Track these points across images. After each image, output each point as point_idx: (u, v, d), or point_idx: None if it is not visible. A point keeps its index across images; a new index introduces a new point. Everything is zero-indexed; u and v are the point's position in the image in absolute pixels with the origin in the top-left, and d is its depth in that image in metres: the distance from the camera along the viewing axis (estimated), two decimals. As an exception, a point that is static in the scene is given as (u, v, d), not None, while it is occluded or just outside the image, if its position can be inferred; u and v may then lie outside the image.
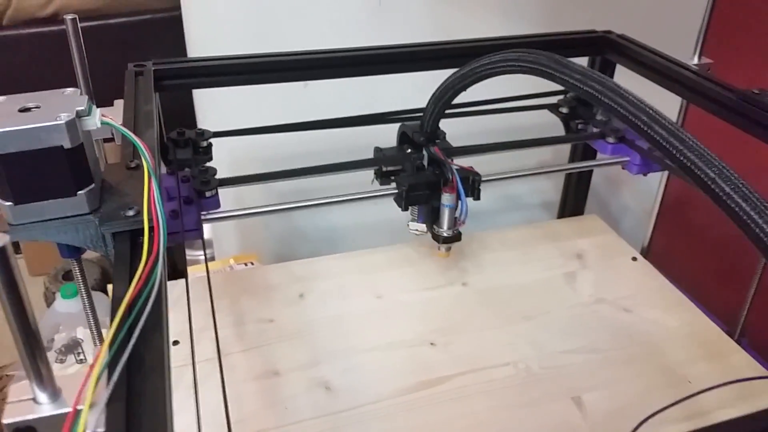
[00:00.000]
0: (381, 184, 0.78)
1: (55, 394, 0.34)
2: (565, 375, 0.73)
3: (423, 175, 0.75)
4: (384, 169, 0.78)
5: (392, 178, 0.77)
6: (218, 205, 0.67)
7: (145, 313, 0.37)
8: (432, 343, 0.77)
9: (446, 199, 0.73)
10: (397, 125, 0.81)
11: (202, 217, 0.65)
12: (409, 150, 0.78)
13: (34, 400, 0.34)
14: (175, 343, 0.74)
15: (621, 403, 0.69)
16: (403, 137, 0.80)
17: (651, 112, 0.50)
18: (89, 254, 1.58)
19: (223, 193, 0.70)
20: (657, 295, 0.86)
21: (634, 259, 0.92)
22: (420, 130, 0.77)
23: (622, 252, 0.94)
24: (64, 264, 1.47)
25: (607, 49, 0.87)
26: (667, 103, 0.87)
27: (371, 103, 0.84)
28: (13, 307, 0.31)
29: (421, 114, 0.77)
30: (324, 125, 0.81)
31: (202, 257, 0.63)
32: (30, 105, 0.43)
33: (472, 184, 0.74)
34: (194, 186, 0.65)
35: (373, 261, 0.91)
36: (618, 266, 0.91)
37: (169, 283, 0.84)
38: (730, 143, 0.96)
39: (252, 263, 1.04)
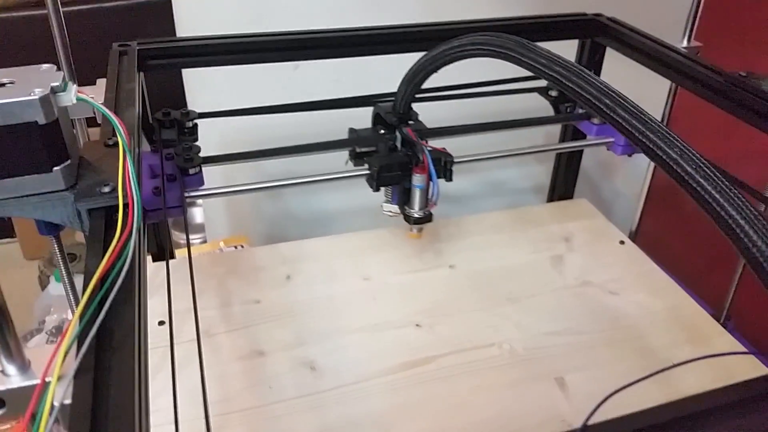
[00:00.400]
0: (355, 165, 0.78)
1: (23, 367, 0.34)
2: (548, 356, 0.73)
3: (395, 156, 0.75)
4: (358, 150, 0.77)
5: (365, 159, 0.77)
6: (202, 183, 0.68)
7: (116, 287, 0.37)
8: (417, 325, 0.77)
9: (417, 179, 0.73)
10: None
11: (186, 195, 0.65)
12: (382, 131, 0.78)
13: (3, 372, 0.34)
14: (161, 323, 0.74)
15: (604, 385, 0.69)
16: (377, 118, 0.80)
17: (614, 95, 0.50)
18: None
19: (211, 174, 0.70)
20: (644, 279, 0.86)
21: (622, 242, 0.92)
22: (392, 110, 0.76)
23: (610, 236, 0.94)
24: (58, 247, 1.47)
25: (597, 32, 0.86)
26: (657, 86, 0.88)
27: (364, 84, 0.84)
28: (-21, 278, 0.31)
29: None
30: (314, 107, 0.81)
31: (191, 240, 0.64)
32: (4, 80, 0.43)
33: (444, 165, 0.74)
34: (178, 163, 0.65)
35: (361, 243, 0.91)
36: (605, 250, 0.91)
37: (156, 264, 0.86)
38: (722, 129, 0.97)
39: (242, 246, 1.04)
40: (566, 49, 0.90)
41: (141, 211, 0.43)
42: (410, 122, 0.77)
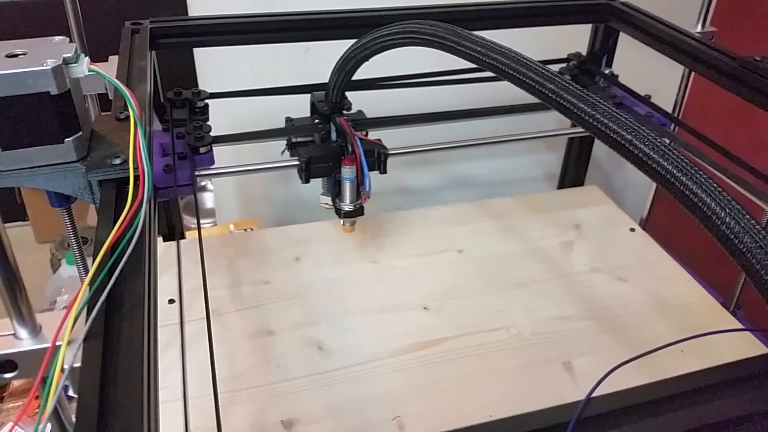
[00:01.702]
0: (291, 155, 0.75)
1: (35, 331, 0.35)
2: (556, 341, 0.73)
3: (327, 146, 0.72)
4: (294, 139, 0.75)
5: (297, 149, 0.74)
6: (212, 162, 0.68)
7: (126, 255, 0.37)
8: (425, 308, 0.78)
9: (346, 171, 0.71)
10: (401, 90, 0.79)
11: (197, 173, 0.65)
12: (317, 120, 0.75)
13: (15, 335, 0.35)
14: (171, 301, 0.75)
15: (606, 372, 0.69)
16: (313, 107, 0.77)
17: (559, 81, 0.48)
18: (95, 221, 1.59)
19: (222, 156, 0.70)
20: (653, 266, 0.85)
21: (632, 230, 0.92)
22: (325, 100, 0.73)
23: (620, 223, 0.93)
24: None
25: (610, 17, 0.86)
26: (671, 73, 0.87)
27: (376, 66, 0.83)
28: (-9, 240, 0.31)
29: (425, 79, 0.76)
30: (324, 88, 0.80)
31: (201, 224, 0.64)
32: (17, 51, 0.44)
33: (377, 157, 0.71)
34: (188, 142, 0.66)
35: (370, 226, 0.91)
36: (615, 237, 0.91)
37: (167, 244, 0.86)
38: (736, 116, 0.96)
39: (252, 229, 1.04)
40: (579, 34, 0.90)
41: (152, 182, 0.43)
42: (345, 111, 0.74)
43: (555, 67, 0.89)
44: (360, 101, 0.78)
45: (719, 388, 0.36)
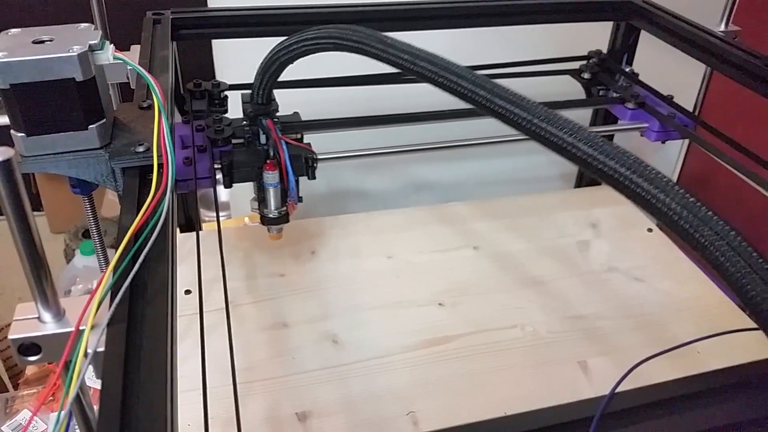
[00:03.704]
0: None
1: (59, 315, 0.35)
2: (572, 340, 0.73)
3: (252, 150, 0.68)
4: None
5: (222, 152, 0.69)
6: None
7: (150, 242, 0.37)
8: (440, 304, 0.77)
9: (268, 177, 0.67)
10: (411, 86, 0.78)
11: (216, 166, 0.65)
12: (244, 122, 0.70)
13: (39, 319, 0.35)
14: (187, 292, 0.75)
15: (627, 370, 0.69)
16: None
17: (490, 86, 0.45)
18: (109, 212, 1.59)
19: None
20: (670, 267, 0.85)
21: (650, 230, 0.91)
22: (251, 101, 0.69)
23: (637, 223, 0.93)
24: (83, 222, 1.50)
25: (631, 14, 0.85)
26: (691, 72, 0.86)
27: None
28: (18, 223, 0.32)
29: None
30: (343, 83, 0.80)
31: (217, 217, 0.63)
32: (44, 38, 0.44)
33: (305, 162, 0.68)
34: (208, 135, 0.65)
35: (386, 222, 0.91)
36: (632, 237, 0.90)
37: (183, 235, 0.86)
38: (757, 116, 0.95)
39: (266, 222, 1.04)
40: (600, 32, 0.89)
41: (175, 170, 0.43)
42: (273, 114, 0.69)
43: (575, 65, 0.89)
44: (361, 100, 0.78)
45: (739, 388, 0.36)
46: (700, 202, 0.35)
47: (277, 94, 0.73)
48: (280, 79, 0.74)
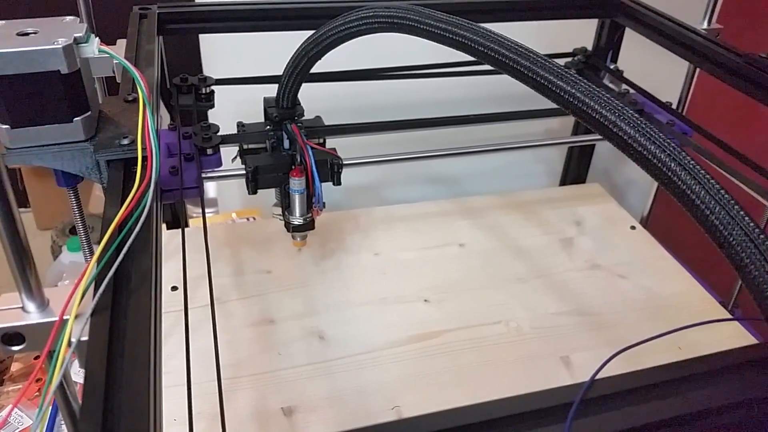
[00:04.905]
0: (242, 162, 0.69)
1: (43, 304, 0.35)
2: (555, 335, 0.74)
3: (277, 156, 0.67)
4: (246, 146, 0.69)
5: (246, 157, 0.69)
6: (220, 164, 0.65)
7: (134, 233, 0.38)
8: (426, 300, 0.78)
9: (294, 183, 0.66)
10: (414, 81, 0.78)
11: (204, 176, 0.62)
12: (268, 127, 0.69)
13: (23, 308, 0.35)
14: (174, 288, 0.75)
15: (610, 364, 0.70)
16: (265, 113, 0.71)
17: (533, 56, 0.45)
18: (96, 208, 1.57)
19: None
20: (653, 264, 0.86)
21: (633, 228, 0.92)
22: (276, 105, 0.67)
23: (621, 220, 0.94)
24: (70, 219, 1.49)
25: (616, 12, 0.86)
26: (676, 69, 0.87)
27: (383, 56, 0.82)
28: (2, 212, 0.32)
29: (436, 69, 0.75)
30: (331, 78, 0.80)
31: (203, 214, 0.62)
32: (29, 30, 0.44)
33: (330, 168, 0.66)
34: (195, 143, 0.63)
35: (372, 219, 0.91)
36: (616, 234, 0.91)
37: (170, 232, 0.86)
38: (742, 113, 0.96)
39: (254, 218, 1.04)
40: (584, 30, 0.90)
41: (159, 163, 0.43)
42: (296, 117, 0.68)
43: (560, 62, 0.89)
44: (359, 96, 0.78)
45: (718, 374, 0.36)
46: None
47: (269, 90, 0.73)
48: (271, 74, 0.73)
